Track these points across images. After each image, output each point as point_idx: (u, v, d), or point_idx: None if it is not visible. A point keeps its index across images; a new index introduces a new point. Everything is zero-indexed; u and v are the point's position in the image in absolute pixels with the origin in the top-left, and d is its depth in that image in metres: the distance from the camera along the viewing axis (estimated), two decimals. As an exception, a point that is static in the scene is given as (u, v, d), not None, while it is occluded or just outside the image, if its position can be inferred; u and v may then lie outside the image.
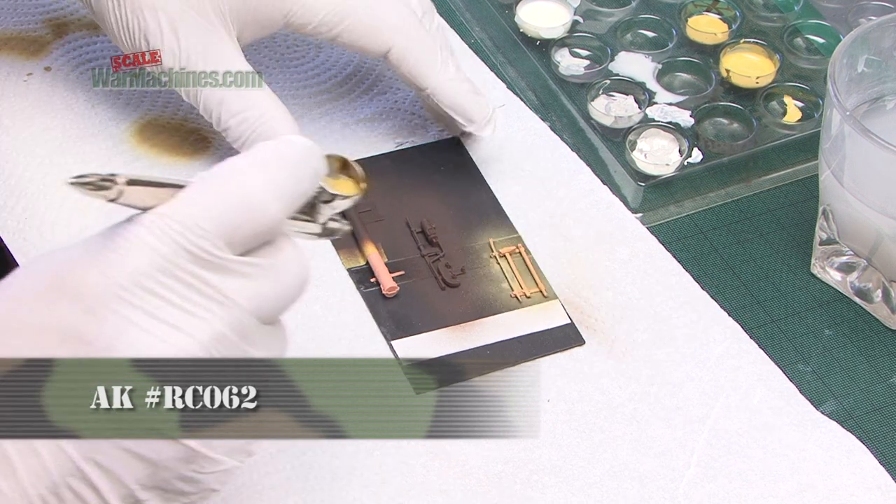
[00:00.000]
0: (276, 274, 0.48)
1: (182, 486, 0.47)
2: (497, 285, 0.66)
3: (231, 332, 0.47)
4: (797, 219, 0.71)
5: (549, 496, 0.57)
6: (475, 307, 0.65)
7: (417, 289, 0.65)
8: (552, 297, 0.65)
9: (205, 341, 0.46)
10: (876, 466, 0.59)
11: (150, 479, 0.46)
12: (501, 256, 0.67)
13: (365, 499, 0.57)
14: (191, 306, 0.46)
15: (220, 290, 0.46)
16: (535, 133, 0.74)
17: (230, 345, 0.47)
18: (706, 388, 0.62)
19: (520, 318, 0.64)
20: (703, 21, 0.79)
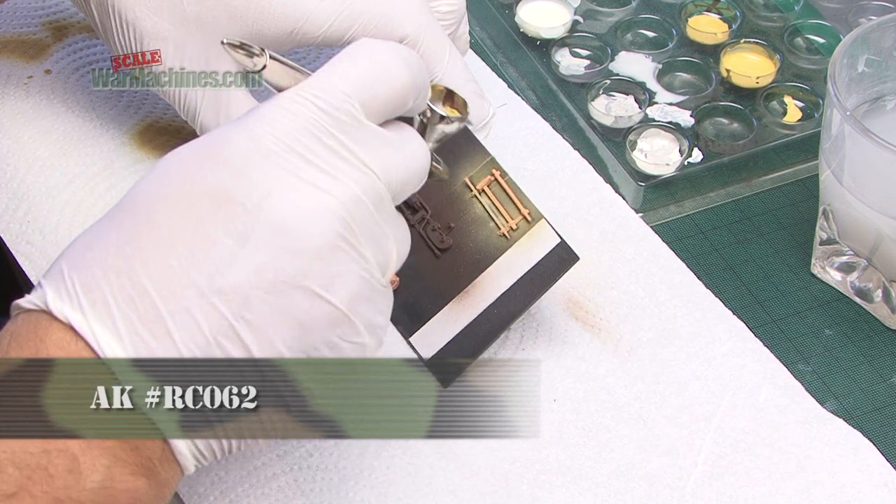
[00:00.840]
0: (403, 150, 0.51)
1: (326, 353, 0.48)
2: (485, 228, 0.64)
3: (367, 199, 0.49)
4: (797, 219, 0.71)
5: (557, 496, 0.58)
6: (472, 262, 0.64)
7: (417, 266, 0.64)
8: (537, 219, 0.64)
9: (346, 202, 0.48)
10: (883, 463, 0.59)
11: (298, 342, 0.48)
12: (481, 192, 0.65)
13: (373, 500, 0.57)
14: (331, 169, 0.48)
15: (358, 156, 0.49)
16: (537, 132, 0.74)
17: (366, 212, 0.49)
18: (712, 386, 0.62)
19: (514, 258, 0.63)
20: (704, 21, 0.79)
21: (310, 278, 0.47)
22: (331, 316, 0.48)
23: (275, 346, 0.47)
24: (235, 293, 0.46)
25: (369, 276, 0.49)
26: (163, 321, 0.46)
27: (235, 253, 0.47)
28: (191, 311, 0.46)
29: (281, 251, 0.47)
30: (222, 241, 0.47)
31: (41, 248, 0.66)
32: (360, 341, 0.49)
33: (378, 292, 0.50)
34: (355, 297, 0.49)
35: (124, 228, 0.47)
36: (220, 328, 0.46)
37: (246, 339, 0.47)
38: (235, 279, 0.46)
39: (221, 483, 0.57)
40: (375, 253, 0.49)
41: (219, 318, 0.46)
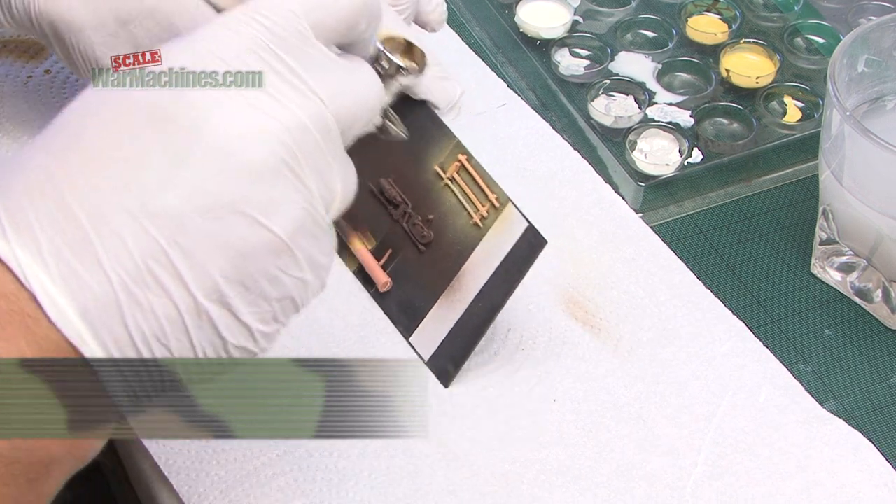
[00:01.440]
0: (354, 79, 0.48)
1: (265, 286, 0.46)
2: (460, 217, 0.64)
3: (313, 126, 0.46)
4: (797, 219, 0.71)
5: (557, 496, 0.58)
6: (452, 256, 0.63)
7: (405, 264, 0.64)
8: (504, 203, 0.63)
9: (290, 127, 0.45)
10: (883, 463, 0.59)
11: (236, 271, 0.45)
12: (451, 180, 0.64)
13: (373, 500, 0.57)
14: (276, 93, 0.46)
15: (305, 81, 0.46)
16: (536, 132, 0.74)
17: (311, 140, 0.46)
18: (712, 386, 0.62)
19: (489, 248, 0.63)
20: (703, 21, 0.79)
21: (249, 203, 0.45)
22: (271, 244, 0.45)
23: (210, 274, 0.44)
24: (169, 216, 0.44)
25: (313, 210, 0.47)
26: (91, 246, 0.43)
27: (171, 174, 0.44)
28: (121, 234, 0.43)
29: (219, 173, 0.44)
30: (157, 161, 0.44)
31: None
32: (301, 276, 0.47)
33: (322, 230, 0.47)
34: (297, 228, 0.46)
35: (52, 150, 0.45)
36: (151, 253, 0.43)
37: (179, 265, 0.44)
38: (170, 201, 0.44)
39: (221, 483, 0.57)
40: (319, 186, 0.47)
41: (150, 242, 0.43)
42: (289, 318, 0.48)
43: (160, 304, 0.44)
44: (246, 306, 0.46)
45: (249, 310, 0.46)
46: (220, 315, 0.45)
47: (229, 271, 0.45)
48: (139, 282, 0.44)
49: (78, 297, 0.43)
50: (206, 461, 0.58)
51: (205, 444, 0.59)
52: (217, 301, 0.45)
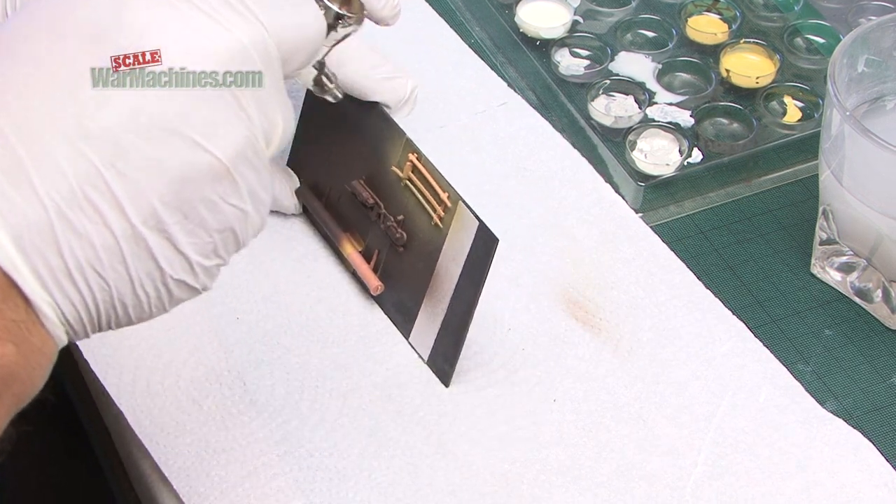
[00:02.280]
0: (297, 11, 0.47)
1: (205, 215, 0.45)
2: (422, 217, 0.63)
3: (255, 52, 0.45)
4: (797, 219, 0.71)
5: (557, 496, 0.58)
6: (425, 255, 0.63)
7: (391, 265, 0.64)
8: (455, 201, 0.62)
9: (230, 49, 0.44)
10: (883, 463, 0.59)
11: (175, 197, 0.44)
12: (409, 180, 0.64)
13: (373, 499, 0.57)
14: (217, 15, 0.44)
15: (248, 7, 0.45)
16: (536, 132, 0.74)
17: (252, 66, 0.45)
18: (712, 386, 0.62)
19: (452, 248, 0.62)
20: (703, 21, 0.79)
21: (190, 125, 0.43)
22: (211, 169, 0.44)
23: (148, 199, 0.43)
24: (106, 138, 0.42)
25: (254, 139, 0.45)
26: (23, 168, 0.41)
27: (107, 93, 0.42)
28: (55, 157, 0.42)
29: (159, 93, 0.43)
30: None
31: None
32: (242, 206, 0.45)
33: (262, 163, 0.46)
34: (238, 154, 0.44)
35: None
36: (87, 176, 0.42)
37: (116, 189, 0.42)
38: (106, 122, 0.42)
39: (221, 483, 0.57)
40: (260, 116, 0.45)
41: (86, 165, 0.42)
42: (230, 253, 0.46)
43: (96, 231, 0.43)
44: (185, 236, 0.44)
45: (189, 240, 0.45)
46: (159, 244, 0.44)
47: (168, 196, 0.43)
48: (74, 207, 0.42)
49: (10, 222, 0.42)
50: (206, 461, 0.58)
51: (205, 444, 0.59)
52: (155, 228, 0.44)
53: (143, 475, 0.60)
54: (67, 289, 0.43)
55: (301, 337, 0.63)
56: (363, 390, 0.61)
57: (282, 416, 0.60)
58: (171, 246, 0.44)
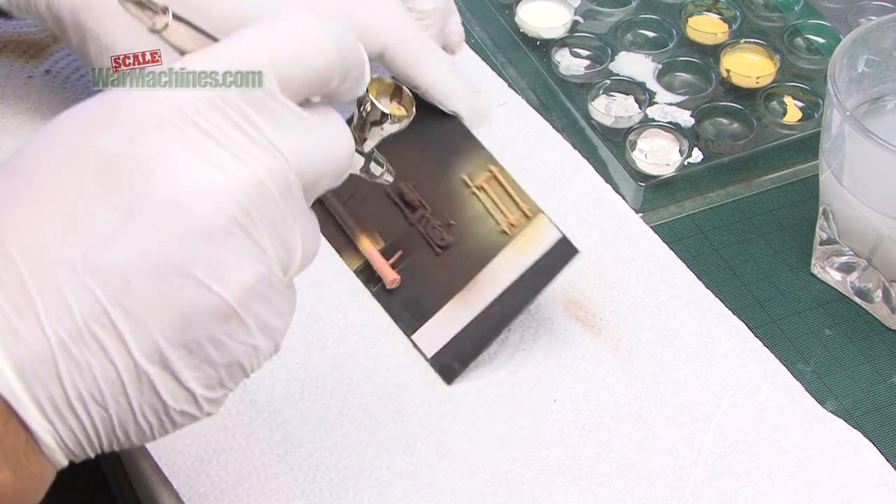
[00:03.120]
0: (321, 136, 0.46)
1: (210, 351, 0.44)
2: (484, 224, 0.65)
3: (272, 185, 0.44)
4: (797, 219, 0.71)
5: (557, 496, 0.58)
6: (472, 260, 0.64)
7: (417, 265, 0.65)
8: (536, 213, 0.64)
9: (246, 184, 0.43)
10: (883, 463, 0.59)
11: (179, 334, 0.43)
12: (479, 189, 0.66)
13: (373, 500, 0.57)
14: (235, 148, 0.43)
15: (266, 136, 0.44)
16: (536, 132, 0.74)
17: (269, 199, 0.44)
18: (712, 386, 0.62)
19: (514, 254, 0.63)
20: (703, 21, 0.79)
21: (197, 265, 0.43)
22: (218, 309, 0.43)
23: (152, 336, 0.42)
24: (113, 274, 0.42)
25: (267, 272, 0.44)
26: (30, 299, 0.42)
27: (117, 228, 0.42)
28: (62, 290, 0.42)
29: (168, 231, 0.42)
30: (104, 213, 0.42)
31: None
32: (251, 343, 0.45)
33: (277, 292, 0.45)
34: (249, 291, 0.44)
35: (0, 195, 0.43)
36: (92, 313, 0.42)
37: (120, 326, 0.42)
38: (114, 258, 0.42)
39: (221, 483, 0.57)
40: (276, 247, 0.44)
41: (92, 301, 0.42)
42: (237, 383, 0.46)
43: (99, 365, 0.42)
44: (189, 371, 0.44)
45: (193, 374, 0.44)
46: (162, 378, 0.43)
47: (172, 334, 0.43)
48: (78, 340, 0.42)
49: (13, 351, 0.42)
50: (206, 461, 0.58)
51: (205, 444, 0.59)
52: (159, 364, 0.43)
53: (143, 475, 0.60)
54: (68, 418, 0.43)
55: (301, 337, 0.63)
56: (363, 390, 0.61)
57: (282, 416, 0.60)
58: (175, 380, 0.44)
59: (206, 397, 0.45)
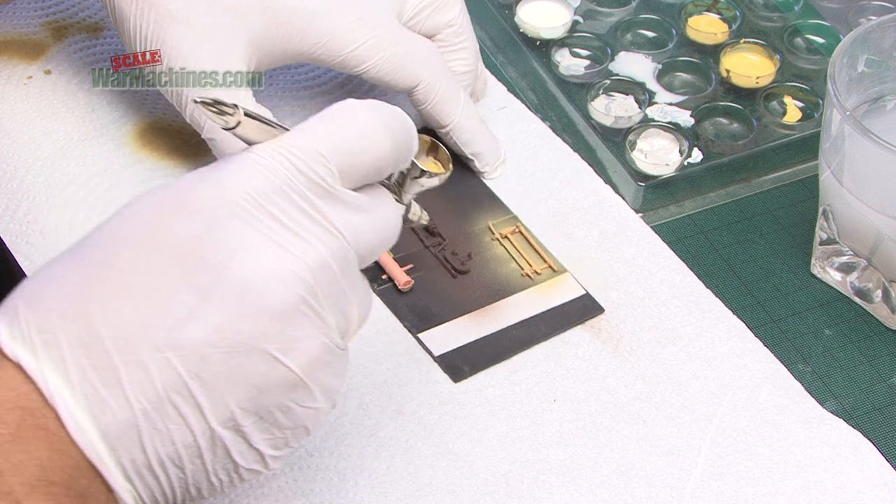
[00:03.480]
0: (375, 215, 0.50)
1: (279, 417, 0.48)
2: (506, 266, 0.66)
3: (334, 263, 0.48)
4: (797, 219, 0.71)
5: (557, 496, 0.58)
6: (490, 291, 0.65)
7: (430, 280, 0.65)
8: (562, 272, 0.66)
9: (311, 265, 0.47)
10: (882, 463, 0.59)
11: (252, 403, 0.47)
12: (504, 237, 0.67)
13: (373, 500, 0.57)
14: (301, 230, 0.47)
15: (329, 219, 0.48)
16: (536, 134, 0.74)
17: (331, 276, 0.48)
18: (712, 386, 0.62)
19: (536, 296, 0.65)
20: (703, 21, 0.79)
21: (269, 341, 0.47)
22: (287, 380, 0.47)
23: (228, 406, 0.46)
24: (192, 350, 0.46)
25: (329, 341, 0.48)
26: (115, 371, 0.45)
27: (196, 308, 0.46)
28: (144, 363, 0.45)
29: (242, 311, 0.46)
30: (183, 295, 0.46)
31: (41, 248, 0.66)
32: (315, 406, 0.49)
33: (336, 356, 0.49)
34: (314, 362, 0.48)
35: (85, 270, 0.46)
36: (172, 384, 0.46)
37: (199, 397, 0.46)
38: (193, 335, 0.46)
39: (221, 483, 0.57)
40: (337, 317, 0.49)
41: (172, 373, 0.45)
42: (299, 442, 0.50)
43: (178, 431, 0.46)
44: (259, 434, 0.48)
45: (263, 437, 0.48)
46: (234, 442, 0.47)
47: (246, 403, 0.47)
48: (159, 410, 0.46)
49: (100, 419, 0.45)
50: (206, 461, 0.58)
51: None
52: (232, 429, 0.47)
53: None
54: (148, 480, 0.47)
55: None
56: (363, 390, 0.61)
57: (282, 417, 0.60)
58: (246, 443, 0.48)
59: (272, 456, 0.49)
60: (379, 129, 0.50)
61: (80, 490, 0.45)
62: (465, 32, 0.71)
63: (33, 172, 0.70)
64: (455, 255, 0.66)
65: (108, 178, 0.70)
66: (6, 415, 0.45)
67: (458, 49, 0.71)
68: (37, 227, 0.67)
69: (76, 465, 0.45)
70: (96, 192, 0.69)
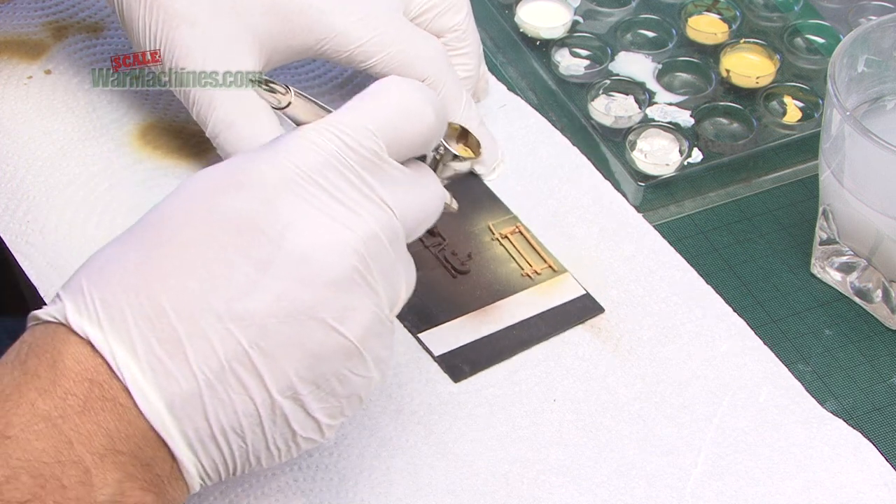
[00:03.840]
0: (420, 188, 0.52)
1: (335, 385, 0.49)
2: (506, 266, 0.66)
3: (384, 235, 0.50)
4: (797, 219, 0.71)
5: (557, 496, 0.58)
6: (490, 291, 0.65)
7: (429, 280, 0.65)
8: (562, 272, 0.66)
9: (364, 237, 0.49)
10: (882, 463, 0.59)
11: (310, 372, 0.48)
12: (504, 237, 0.67)
13: (372, 500, 0.57)
14: (352, 203, 0.49)
15: (378, 193, 0.50)
16: (536, 130, 0.74)
17: (382, 248, 0.50)
18: (712, 386, 0.62)
19: (536, 296, 0.65)
20: (703, 21, 0.79)
21: (326, 310, 0.48)
22: (344, 348, 0.49)
23: (287, 375, 0.48)
24: (252, 320, 0.47)
25: (380, 312, 0.50)
26: (179, 342, 0.47)
27: (255, 280, 0.47)
28: (207, 334, 0.47)
29: (299, 282, 0.48)
30: (243, 267, 0.47)
31: (41, 248, 0.66)
32: (368, 375, 0.50)
33: (386, 328, 0.51)
34: (367, 331, 0.49)
35: (145, 247, 0.48)
36: (234, 354, 0.47)
37: (259, 366, 0.47)
38: (253, 306, 0.47)
39: (221, 483, 0.57)
40: (387, 289, 0.50)
41: (234, 343, 0.47)
42: (354, 411, 0.51)
43: (240, 401, 0.48)
44: (317, 402, 0.49)
45: (320, 406, 0.49)
46: (293, 411, 0.49)
47: (304, 372, 0.48)
48: (222, 379, 0.47)
49: (166, 390, 0.47)
50: (206, 461, 0.58)
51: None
52: (291, 398, 0.48)
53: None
54: (211, 449, 0.48)
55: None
56: (363, 390, 0.61)
57: (282, 416, 0.60)
58: (304, 412, 0.49)
59: (328, 424, 0.50)
60: (422, 103, 0.52)
61: (146, 459, 0.47)
62: (469, 38, 0.71)
63: (33, 172, 0.70)
64: (455, 255, 0.66)
65: (108, 178, 0.70)
66: (75, 387, 0.46)
67: (461, 54, 0.71)
68: (37, 227, 0.67)
69: (143, 435, 0.47)
70: (96, 192, 0.69)
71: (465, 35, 0.71)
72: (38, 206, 0.68)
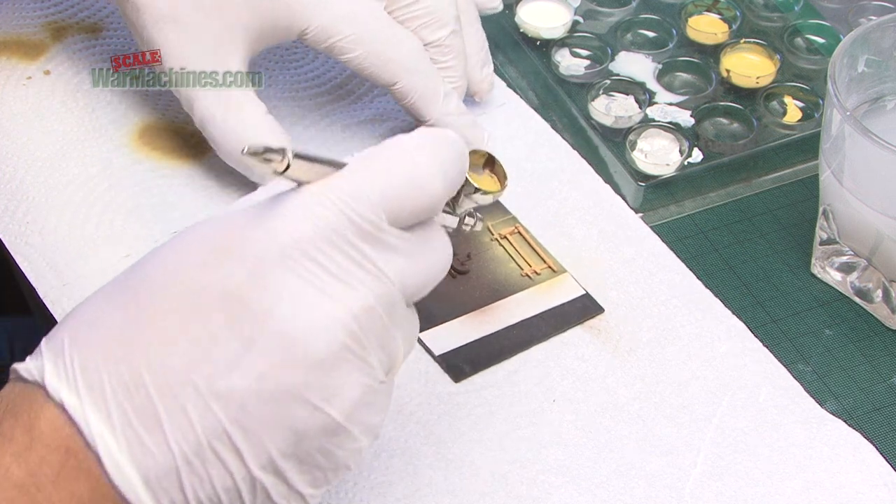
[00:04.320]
0: (424, 253, 0.50)
1: (319, 459, 0.48)
2: (505, 266, 0.66)
3: (379, 306, 0.48)
4: (797, 219, 0.71)
5: (556, 496, 0.58)
6: (490, 291, 0.65)
7: None
8: (561, 272, 0.66)
9: (356, 311, 0.47)
10: (882, 463, 0.59)
11: (292, 448, 0.47)
12: (503, 238, 0.67)
13: (373, 500, 0.57)
14: (347, 276, 0.47)
15: (375, 263, 0.48)
16: (536, 132, 0.74)
17: (377, 320, 0.48)
18: (711, 386, 0.62)
19: (536, 296, 0.65)
20: (704, 21, 0.79)
21: (310, 391, 0.47)
22: (328, 426, 0.47)
23: (268, 452, 0.47)
24: (233, 398, 0.46)
25: (372, 382, 0.48)
26: (157, 416, 0.46)
27: (238, 357, 0.46)
28: (186, 410, 0.46)
29: (284, 361, 0.46)
30: (226, 342, 0.46)
31: (40, 248, 0.66)
32: (355, 447, 0.49)
33: (379, 393, 0.49)
34: (355, 406, 0.48)
35: (129, 312, 0.47)
36: (213, 431, 0.46)
37: (239, 444, 0.46)
38: (235, 384, 0.46)
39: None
40: (382, 357, 0.48)
41: (214, 420, 0.46)
42: (339, 478, 0.50)
43: (218, 476, 0.46)
44: (299, 476, 0.48)
45: (302, 479, 0.48)
46: (274, 484, 0.47)
47: (286, 448, 0.47)
48: (200, 455, 0.46)
49: (141, 463, 0.46)
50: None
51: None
52: (272, 473, 0.47)
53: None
54: None
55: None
56: (363, 390, 0.61)
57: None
58: (285, 485, 0.48)
59: (312, 494, 0.49)
60: (431, 171, 0.49)
61: None
62: (453, 52, 0.70)
63: (33, 173, 0.70)
64: (454, 255, 0.66)
65: (107, 179, 0.70)
66: (50, 455, 0.45)
67: (444, 67, 0.70)
68: (36, 228, 0.67)
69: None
70: (96, 193, 0.69)
71: (448, 51, 0.70)
72: (37, 206, 0.68)
